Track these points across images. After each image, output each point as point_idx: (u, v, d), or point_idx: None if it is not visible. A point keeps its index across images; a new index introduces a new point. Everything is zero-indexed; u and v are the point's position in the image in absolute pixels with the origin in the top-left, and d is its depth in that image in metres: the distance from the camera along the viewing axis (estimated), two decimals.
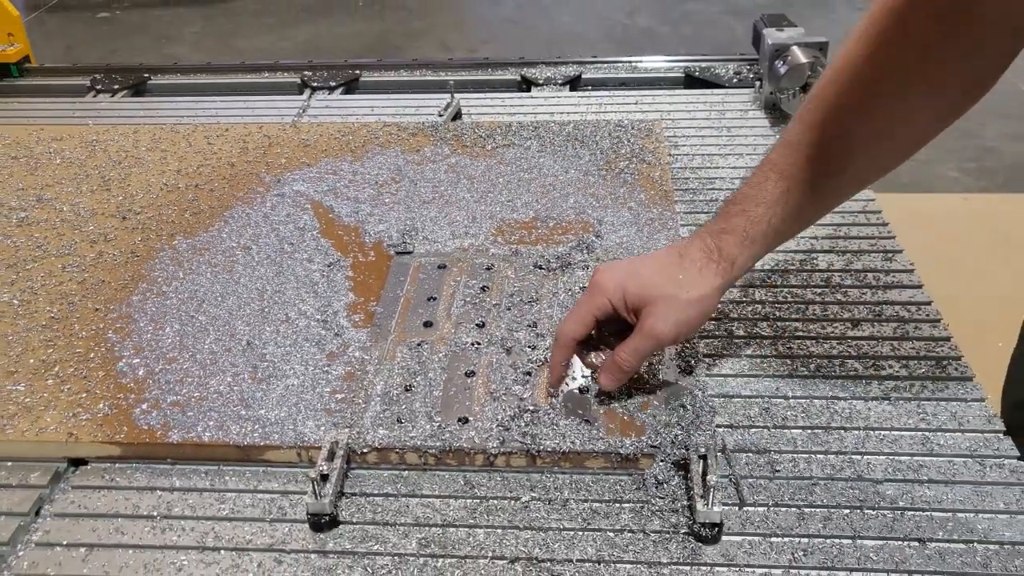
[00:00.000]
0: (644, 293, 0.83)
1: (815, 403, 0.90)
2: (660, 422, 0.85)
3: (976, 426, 0.86)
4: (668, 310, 0.83)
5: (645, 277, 0.84)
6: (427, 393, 0.90)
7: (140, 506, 0.83)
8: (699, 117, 1.54)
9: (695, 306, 0.83)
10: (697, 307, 0.84)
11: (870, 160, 0.83)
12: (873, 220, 1.21)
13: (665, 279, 0.84)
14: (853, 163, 0.82)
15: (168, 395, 0.92)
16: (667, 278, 0.84)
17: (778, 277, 1.09)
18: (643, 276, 0.84)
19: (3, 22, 1.85)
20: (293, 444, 0.86)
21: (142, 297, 1.08)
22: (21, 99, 1.78)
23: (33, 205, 1.29)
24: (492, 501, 0.81)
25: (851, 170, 0.83)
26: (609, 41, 5.14)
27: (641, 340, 0.84)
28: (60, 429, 0.88)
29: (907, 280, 1.08)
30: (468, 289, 1.06)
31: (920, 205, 3.09)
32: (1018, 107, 4.09)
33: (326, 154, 1.40)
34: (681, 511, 0.79)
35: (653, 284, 0.83)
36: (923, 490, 0.80)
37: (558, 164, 1.34)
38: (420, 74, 1.83)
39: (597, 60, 1.82)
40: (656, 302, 0.83)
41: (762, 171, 0.84)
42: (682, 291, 0.83)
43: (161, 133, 1.50)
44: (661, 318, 0.83)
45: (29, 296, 1.09)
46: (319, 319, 1.02)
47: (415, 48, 5.14)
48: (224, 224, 1.23)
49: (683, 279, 0.83)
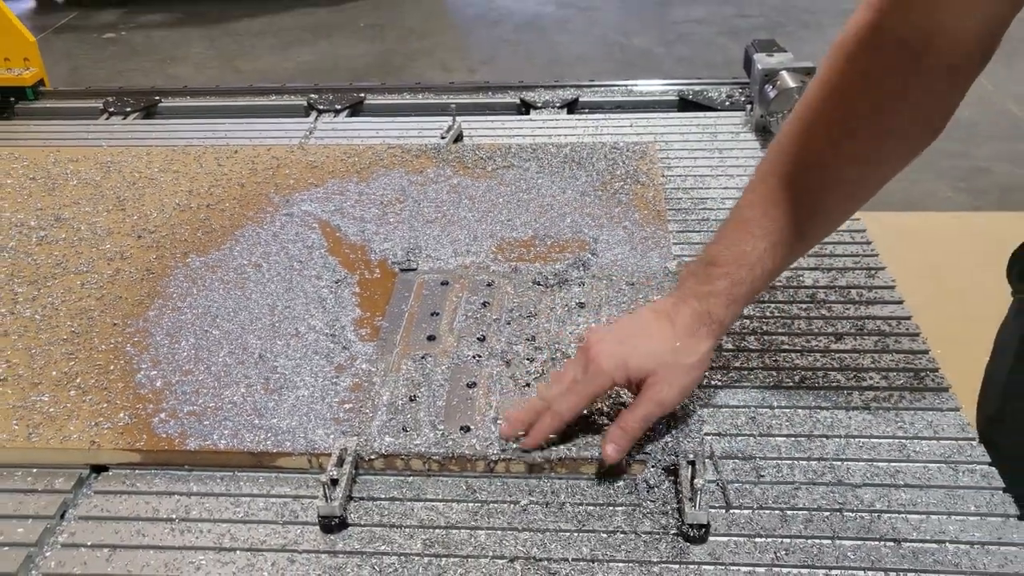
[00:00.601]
0: (648, 365, 0.86)
1: (799, 412, 0.95)
2: (651, 430, 0.89)
3: (950, 434, 0.91)
4: (672, 378, 0.86)
5: (643, 350, 0.86)
6: (431, 403, 0.95)
7: (160, 510, 0.87)
8: (692, 139, 1.59)
9: (695, 370, 0.87)
10: (697, 370, 0.88)
11: (839, 211, 0.89)
12: (857, 239, 1.26)
13: (664, 349, 0.86)
14: (823, 217, 0.88)
15: (185, 405, 0.97)
16: (665, 348, 0.86)
17: (765, 293, 1.14)
18: (641, 349, 0.86)
19: (20, 47, 1.91)
20: (304, 451, 0.90)
21: (158, 312, 1.13)
22: (37, 122, 1.84)
23: (52, 224, 1.35)
24: (492, 504, 0.86)
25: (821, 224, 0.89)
26: (607, 62, 5.21)
27: (649, 407, 0.86)
28: (83, 437, 0.93)
29: (888, 296, 1.13)
30: (470, 304, 1.11)
31: (911, 223, 3.15)
32: (1009, 128, 4.16)
33: (333, 175, 1.45)
34: (671, 513, 0.83)
35: (653, 356, 0.86)
36: (899, 494, 0.85)
37: (556, 185, 1.40)
38: (423, 97, 1.89)
39: (594, 84, 1.88)
40: (659, 372, 0.86)
41: (738, 231, 0.88)
42: (681, 358, 0.86)
43: (173, 155, 1.56)
44: (667, 386, 0.86)
45: (50, 311, 1.14)
46: (327, 333, 1.07)
47: (415, 69, 5.22)
48: (235, 243, 1.28)
49: (680, 346, 0.86)
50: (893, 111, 0.81)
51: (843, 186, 0.87)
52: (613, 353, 0.86)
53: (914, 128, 0.83)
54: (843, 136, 0.84)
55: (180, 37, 5.96)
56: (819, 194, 0.86)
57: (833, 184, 0.86)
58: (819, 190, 0.86)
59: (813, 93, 0.85)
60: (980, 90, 4.51)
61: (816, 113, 0.85)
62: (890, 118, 0.82)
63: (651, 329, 0.88)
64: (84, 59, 5.59)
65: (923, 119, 0.83)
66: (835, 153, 0.85)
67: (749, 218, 0.87)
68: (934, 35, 0.77)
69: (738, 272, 0.87)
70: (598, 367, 0.86)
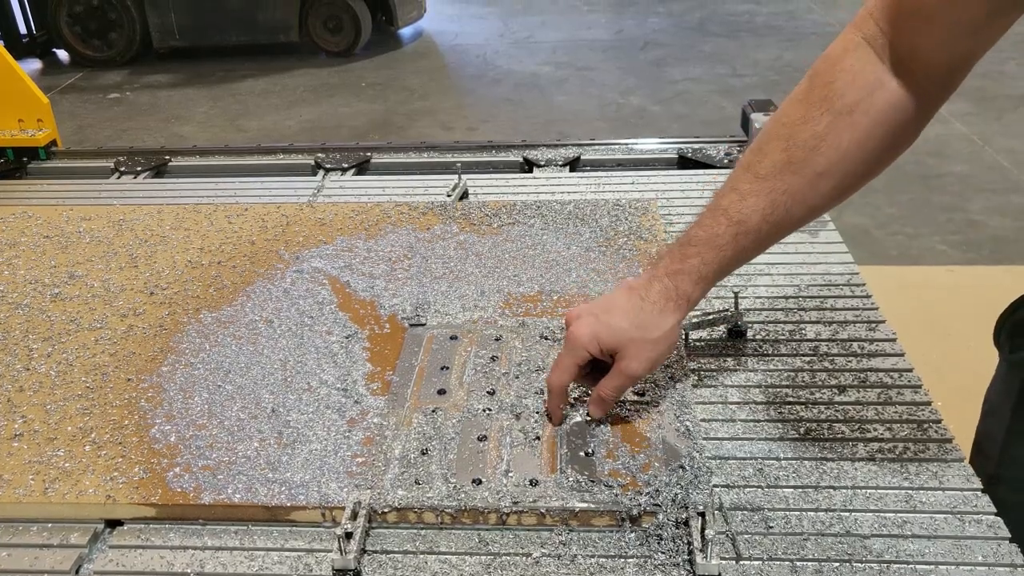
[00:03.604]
0: (616, 340, 0.96)
1: (805, 464, 0.96)
2: (661, 483, 0.91)
3: (956, 484, 0.93)
4: (639, 351, 0.96)
5: (615, 325, 0.96)
6: (442, 456, 0.96)
7: (174, 564, 0.88)
8: (692, 195, 1.63)
9: (661, 343, 0.97)
10: (663, 343, 0.97)
11: (805, 208, 0.94)
12: (857, 292, 1.29)
13: (632, 324, 0.95)
14: (791, 210, 0.93)
15: (199, 459, 0.98)
16: (634, 323, 0.95)
17: (769, 347, 1.16)
18: (613, 324, 0.96)
19: (34, 108, 1.96)
20: (318, 504, 0.91)
21: (171, 368, 1.15)
22: (50, 181, 1.88)
23: (65, 282, 1.37)
24: (505, 557, 0.87)
25: (789, 216, 0.94)
26: (604, 120, 5.31)
27: (619, 378, 0.97)
28: (98, 492, 0.94)
29: (890, 348, 1.15)
30: (479, 359, 1.13)
31: (908, 277, 3.19)
32: (1001, 182, 4.23)
33: (341, 232, 1.48)
34: (682, 565, 0.84)
35: (623, 330, 0.95)
36: (907, 544, 0.86)
37: (560, 241, 1.43)
38: (428, 156, 1.93)
39: (595, 142, 1.92)
40: (628, 346, 0.96)
41: (713, 216, 0.95)
42: (648, 332, 0.95)
43: (184, 213, 1.59)
44: (634, 359, 0.96)
45: (65, 367, 1.16)
46: (339, 388, 1.09)
47: (417, 127, 5.31)
48: (247, 299, 1.30)
49: (647, 321, 0.96)
50: (864, 126, 0.88)
51: (807, 190, 0.92)
52: (588, 328, 0.96)
53: (880, 143, 0.90)
54: (814, 140, 0.90)
55: (184, 97, 6.07)
56: (786, 194, 0.92)
57: (798, 186, 0.92)
58: (787, 190, 0.92)
59: (793, 98, 0.93)
60: (972, 144, 4.60)
61: (793, 118, 0.91)
62: (860, 133, 0.89)
63: (624, 305, 0.97)
64: (90, 119, 5.68)
65: (889, 136, 0.90)
66: (805, 156, 0.91)
67: (724, 205, 0.95)
68: (912, 64, 0.86)
69: (708, 253, 0.95)
70: (576, 341, 0.97)
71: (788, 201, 0.92)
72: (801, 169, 0.91)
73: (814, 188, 0.92)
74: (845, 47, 0.90)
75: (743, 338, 1.18)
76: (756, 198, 0.92)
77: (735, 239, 0.94)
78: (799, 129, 0.90)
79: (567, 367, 0.98)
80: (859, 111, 0.88)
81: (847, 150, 0.89)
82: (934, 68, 0.87)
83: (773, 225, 0.93)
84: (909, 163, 4.25)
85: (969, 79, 0.90)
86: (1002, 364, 1.21)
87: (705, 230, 0.95)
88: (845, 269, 1.35)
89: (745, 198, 0.93)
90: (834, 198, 0.94)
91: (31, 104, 1.97)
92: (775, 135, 0.93)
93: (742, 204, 0.93)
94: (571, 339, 0.98)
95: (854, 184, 0.94)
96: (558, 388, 0.99)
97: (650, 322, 0.95)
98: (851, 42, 0.90)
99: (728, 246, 0.94)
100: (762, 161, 0.92)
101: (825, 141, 0.89)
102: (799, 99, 0.92)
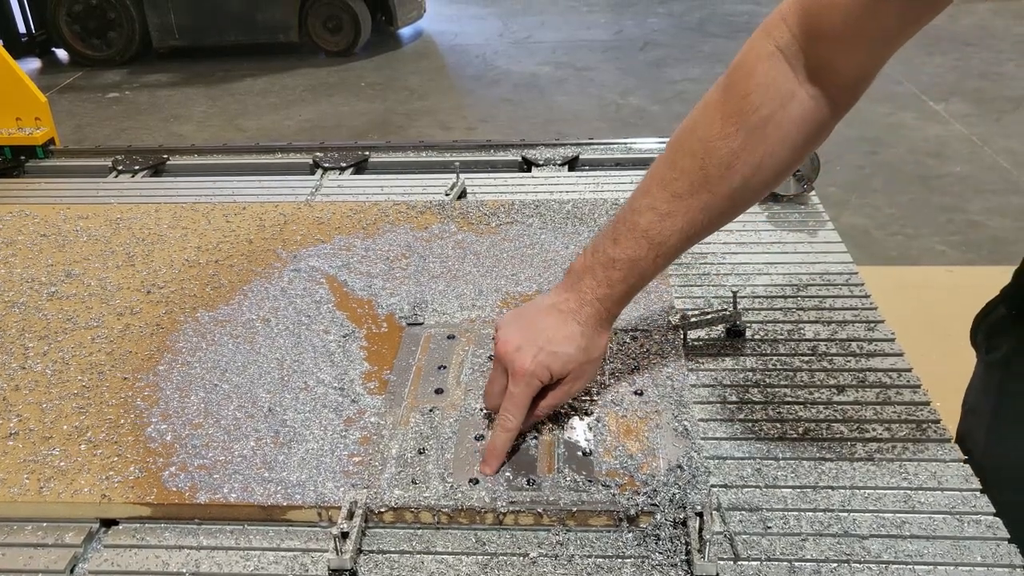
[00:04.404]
0: (567, 368, 0.97)
1: (803, 464, 0.96)
2: (659, 482, 0.90)
3: (954, 485, 0.92)
4: (582, 373, 0.99)
5: (563, 354, 0.96)
6: (439, 456, 0.96)
7: (170, 564, 0.88)
8: None
9: (597, 362, 1.01)
10: (598, 362, 1.01)
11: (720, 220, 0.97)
12: (856, 292, 1.29)
13: (575, 348, 0.97)
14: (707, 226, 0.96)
15: (195, 459, 0.98)
16: (577, 347, 0.97)
17: (767, 346, 1.16)
18: (561, 354, 0.96)
19: (31, 106, 1.95)
20: (314, 504, 0.91)
21: (168, 367, 1.15)
22: (47, 179, 1.87)
23: (62, 280, 1.37)
24: (502, 557, 0.86)
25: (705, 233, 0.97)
26: (603, 120, 5.31)
27: (561, 398, 0.99)
28: (94, 491, 0.94)
29: (888, 348, 1.15)
30: (476, 358, 1.13)
31: (907, 277, 3.18)
32: (1001, 183, 4.23)
33: (339, 231, 1.48)
34: (679, 565, 0.84)
35: (571, 360, 0.97)
36: (905, 544, 0.85)
37: (559, 240, 1.42)
38: (426, 155, 1.93)
39: (594, 142, 1.92)
40: (574, 373, 0.98)
41: (634, 238, 0.96)
42: (591, 354, 0.99)
43: (181, 211, 1.58)
44: (580, 379, 0.99)
45: (61, 366, 1.15)
46: (336, 387, 1.09)
47: (416, 127, 5.31)
48: (244, 298, 1.30)
49: (587, 344, 0.98)
50: (774, 134, 0.90)
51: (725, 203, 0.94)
52: (535, 359, 0.95)
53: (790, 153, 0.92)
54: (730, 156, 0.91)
55: (183, 97, 6.07)
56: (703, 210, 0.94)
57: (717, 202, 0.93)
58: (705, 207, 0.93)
59: (708, 105, 0.93)
60: (972, 145, 4.60)
61: (710, 131, 0.91)
62: (773, 142, 0.90)
63: (562, 331, 0.98)
64: (88, 118, 5.68)
65: (801, 142, 0.91)
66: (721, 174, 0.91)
67: (644, 226, 0.95)
68: (823, 69, 0.88)
69: (633, 277, 0.97)
70: (525, 374, 0.95)
71: (704, 219, 0.94)
72: (717, 187, 0.92)
73: (731, 202, 0.94)
74: (759, 55, 0.90)
75: (741, 338, 1.17)
76: (674, 219, 0.94)
77: (655, 261, 0.96)
78: (715, 146, 0.90)
79: (523, 403, 0.95)
80: (772, 123, 0.89)
81: (760, 164, 0.91)
82: (846, 77, 0.89)
83: (688, 241, 0.96)
84: (909, 164, 4.26)
85: (968, 80, 0.91)
86: (979, 365, 1.22)
87: (627, 252, 0.96)
88: (844, 268, 1.35)
89: (664, 219, 0.94)
90: (747, 206, 0.98)
91: (29, 102, 1.96)
92: (690, 151, 0.93)
93: (661, 225, 0.94)
94: (521, 373, 0.95)
95: (766, 190, 0.97)
96: (516, 429, 0.95)
97: (590, 344, 0.98)
98: (764, 50, 0.90)
99: (649, 269, 0.97)
100: (679, 179, 0.93)
101: (740, 158, 0.90)
102: (713, 109, 0.92)
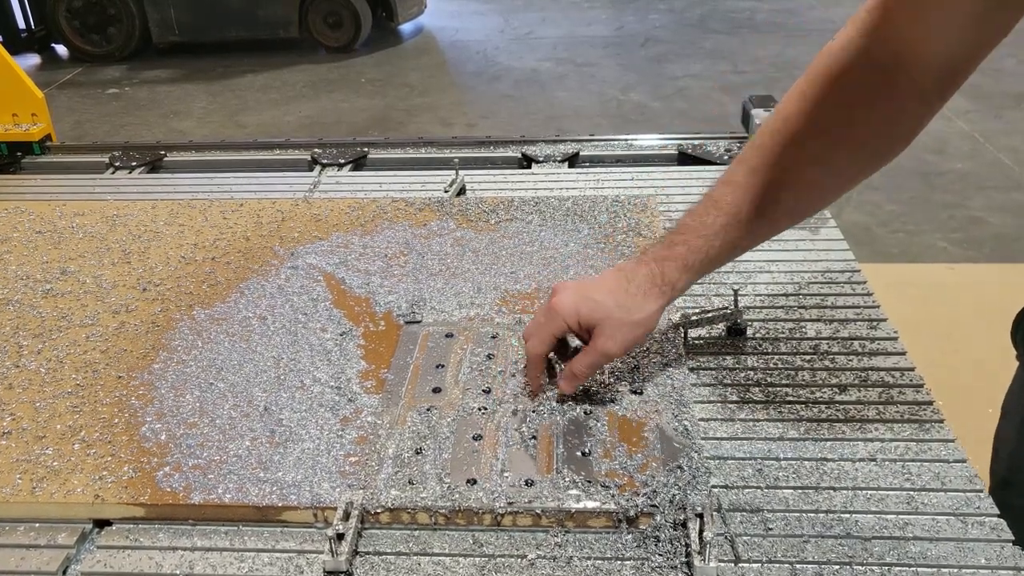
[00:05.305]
0: (595, 316, 0.95)
1: (805, 464, 0.95)
2: (659, 483, 0.89)
3: (958, 485, 0.91)
4: (616, 330, 0.95)
5: (596, 301, 0.95)
6: (437, 456, 0.95)
7: (163, 565, 0.86)
8: (692, 192, 1.61)
9: (640, 326, 0.96)
10: (642, 327, 0.96)
11: (800, 203, 0.95)
12: (858, 290, 1.27)
13: (614, 303, 0.95)
14: (785, 205, 0.94)
15: (189, 458, 0.97)
16: (616, 302, 0.95)
17: (769, 345, 1.15)
18: (594, 300, 0.95)
19: (28, 102, 1.94)
20: (310, 505, 0.90)
21: (163, 365, 1.13)
22: (44, 176, 1.86)
23: (57, 277, 1.35)
24: (500, 559, 0.85)
25: (783, 210, 0.95)
26: (604, 117, 5.29)
27: (594, 356, 0.97)
28: (87, 491, 0.92)
29: (891, 347, 1.14)
30: (474, 357, 1.11)
31: (909, 275, 3.17)
32: (1002, 179, 4.22)
33: (337, 228, 1.47)
34: (679, 567, 0.83)
35: (603, 307, 0.95)
36: (909, 546, 0.84)
37: (558, 238, 1.41)
38: (425, 151, 1.91)
39: (594, 138, 1.91)
40: (605, 323, 0.95)
41: (704, 205, 0.95)
42: (629, 313, 0.95)
43: (178, 208, 1.57)
44: (610, 338, 0.95)
45: (55, 364, 1.14)
46: (333, 386, 1.08)
47: (416, 124, 5.29)
48: (240, 295, 1.28)
49: (630, 303, 0.95)
50: (861, 122, 0.88)
51: (803, 185, 0.93)
52: (570, 300, 0.96)
53: (878, 141, 0.90)
54: (810, 139, 0.90)
55: (183, 92, 6.05)
56: (780, 188, 0.93)
57: (793, 181, 0.92)
58: (781, 184, 0.92)
59: (792, 95, 0.92)
60: (973, 142, 4.58)
61: (791, 114, 0.91)
62: (857, 129, 0.89)
63: (608, 284, 0.97)
64: (88, 113, 5.66)
65: (887, 134, 0.90)
66: (800, 154, 0.91)
67: (716, 196, 0.95)
68: (908, 59, 0.85)
69: (696, 241, 0.95)
70: (555, 310, 0.97)
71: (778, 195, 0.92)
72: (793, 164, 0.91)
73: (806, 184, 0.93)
74: (841, 45, 0.89)
75: (743, 336, 1.16)
76: (746, 191, 0.92)
77: (724, 229, 0.93)
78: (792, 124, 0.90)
79: (545, 336, 0.98)
80: (858, 122, 0.88)
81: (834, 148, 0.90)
82: (932, 67, 0.85)
83: (760, 216, 0.93)
84: (910, 160, 4.24)
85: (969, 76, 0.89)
86: (1020, 367, 1.20)
87: (694, 219, 0.95)
88: (846, 266, 1.33)
89: (736, 190, 0.93)
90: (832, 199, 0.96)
91: (26, 98, 1.95)
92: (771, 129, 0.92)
93: (734, 196, 0.93)
94: (551, 308, 0.98)
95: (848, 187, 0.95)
96: (535, 357, 0.99)
97: (632, 304, 0.95)
98: (849, 42, 0.88)
99: (716, 236, 0.94)
100: (756, 155, 0.93)
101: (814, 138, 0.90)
102: (797, 93, 0.91)
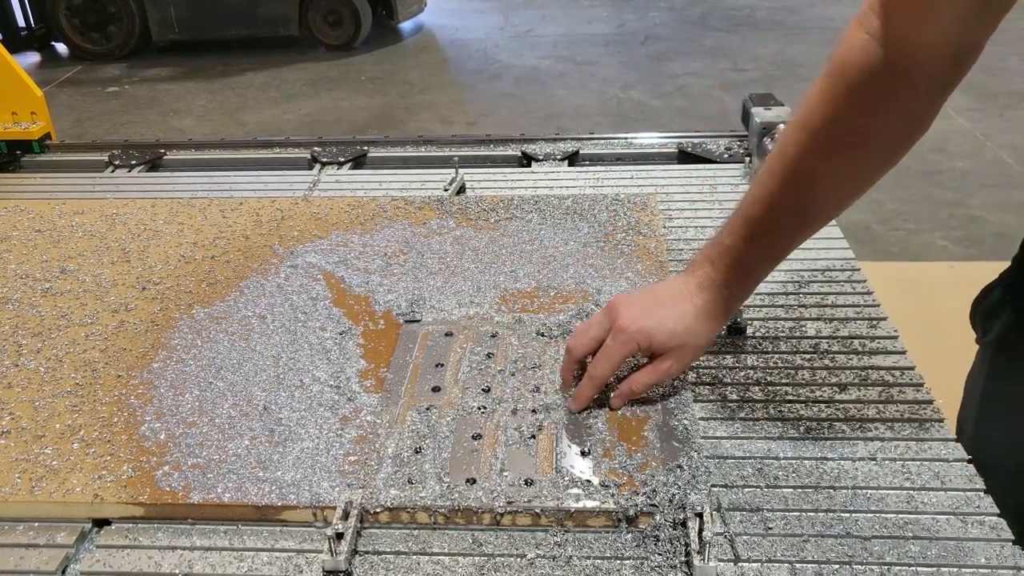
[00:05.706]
0: (668, 344, 0.97)
1: (805, 463, 0.95)
2: (658, 482, 0.89)
3: (958, 485, 0.91)
4: (682, 355, 0.98)
5: (669, 329, 0.97)
6: (436, 455, 0.95)
7: (162, 564, 0.86)
8: (692, 191, 1.61)
9: (701, 350, 1.01)
10: (703, 350, 1.01)
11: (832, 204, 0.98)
12: (859, 289, 1.27)
13: (685, 330, 0.97)
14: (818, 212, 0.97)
15: (189, 458, 0.97)
16: (687, 330, 0.97)
17: (768, 344, 1.15)
18: (667, 328, 0.97)
19: (27, 101, 1.94)
20: (309, 504, 0.90)
21: (162, 364, 1.13)
22: (43, 174, 1.86)
23: (57, 276, 1.35)
24: (499, 558, 0.85)
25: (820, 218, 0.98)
26: (604, 115, 5.29)
27: (656, 375, 0.98)
28: (86, 490, 0.92)
29: (891, 346, 1.14)
30: (474, 356, 1.11)
31: (909, 273, 3.17)
32: (1003, 178, 4.21)
33: (337, 227, 1.47)
34: (679, 566, 0.83)
35: (675, 335, 0.97)
36: (909, 546, 0.84)
37: (558, 236, 1.41)
38: (425, 150, 1.91)
39: (594, 137, 1.90)
40: (676, 351, 0.98)
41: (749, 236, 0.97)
42: (698, 340, 0.98)
43: (178, 207, 1.57)
44: (676, 363, 0.98)
45: (54, 363, 1.14)
46: (332, 385, 1.07)
47: (416, 122, 5.29)
48: (240, 294, 1.28)
49: (698, 330, 0.98)
50: (879, 118, 0.90)
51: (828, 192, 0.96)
52: (641, 324, 0.96)
53: (898, 139, 0.93)
54: (835, 152, 0.92)
55: (183, 91, 6.05)
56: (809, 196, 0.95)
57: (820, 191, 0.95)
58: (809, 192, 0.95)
59: (809, 100, 0.93)
60: (974, 140, 4.58)
61: (810, 119, 0.93)
62: (875, 124, 0.91)
63: (676, 308, 0.98)
64: (87, 112, 5.66)
65: (907, 134, 0.92)
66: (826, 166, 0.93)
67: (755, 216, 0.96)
68: (918, 51, 0.86)
69: (746, 282, 0.99)
70: (627, 334, 0.96)
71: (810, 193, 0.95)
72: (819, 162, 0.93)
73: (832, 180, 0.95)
74: (851, 43, 0.90)
75: (742, 335, 1.16)
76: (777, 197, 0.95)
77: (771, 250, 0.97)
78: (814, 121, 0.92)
79: (616, 358, 0.97)
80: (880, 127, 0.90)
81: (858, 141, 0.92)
82: (943, 59, 0.87)
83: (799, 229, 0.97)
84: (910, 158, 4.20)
85: (971, 75, 0.90)
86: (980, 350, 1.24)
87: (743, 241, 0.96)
88: (846, 265, 1.33)
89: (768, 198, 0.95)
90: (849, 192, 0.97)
91: (25, 96, 1.95)
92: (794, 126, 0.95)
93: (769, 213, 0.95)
94: (622, 328, 0.96)
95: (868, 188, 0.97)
96: (602, 379, 0.98)
97: (701, 330, 0.98)
98: (856, 38, 0.89)
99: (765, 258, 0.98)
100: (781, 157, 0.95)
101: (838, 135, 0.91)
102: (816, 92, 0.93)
